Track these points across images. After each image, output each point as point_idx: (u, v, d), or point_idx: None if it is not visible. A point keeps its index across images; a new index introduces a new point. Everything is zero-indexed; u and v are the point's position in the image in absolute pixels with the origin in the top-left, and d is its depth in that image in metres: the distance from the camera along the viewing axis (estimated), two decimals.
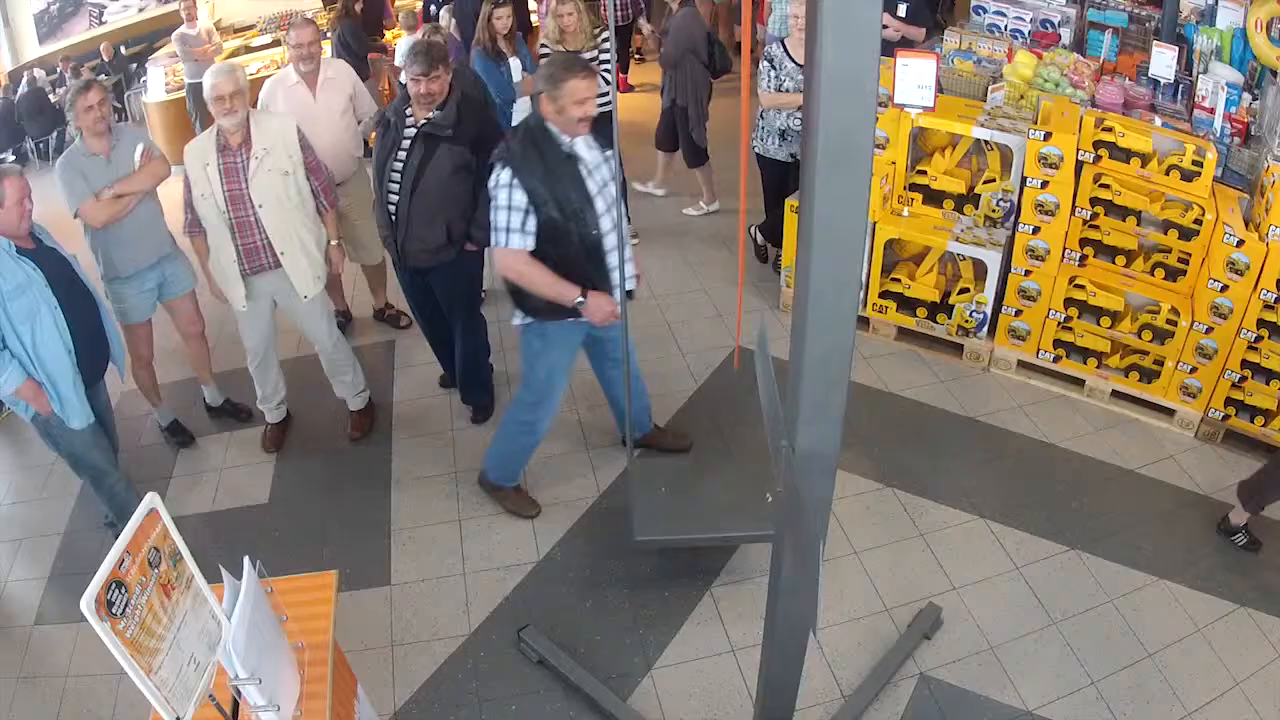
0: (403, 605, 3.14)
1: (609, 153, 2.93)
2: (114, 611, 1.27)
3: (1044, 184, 3.71)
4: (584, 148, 2.92)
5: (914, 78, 3.79)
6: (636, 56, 8.64)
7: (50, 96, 8.27)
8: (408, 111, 3.41)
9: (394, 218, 3.47)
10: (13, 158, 7.57)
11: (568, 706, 2.78)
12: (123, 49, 8.92)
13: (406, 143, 3.41)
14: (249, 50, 7.93)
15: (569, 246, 2.91)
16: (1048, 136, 3.64)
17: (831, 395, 1.45)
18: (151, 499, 1.42)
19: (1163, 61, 4.35)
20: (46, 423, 3.09)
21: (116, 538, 3.35)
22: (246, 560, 1.69)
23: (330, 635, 1.97)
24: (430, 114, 3.33)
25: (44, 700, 2.95)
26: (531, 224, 2.85)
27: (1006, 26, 5.26)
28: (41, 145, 8.16)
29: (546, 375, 3.16)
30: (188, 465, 3.91)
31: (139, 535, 1.36)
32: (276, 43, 8.00)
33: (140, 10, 9.27)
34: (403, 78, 3.45)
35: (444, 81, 3.34)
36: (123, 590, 1.30)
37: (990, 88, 4.26)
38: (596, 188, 2.93)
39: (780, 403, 1.55)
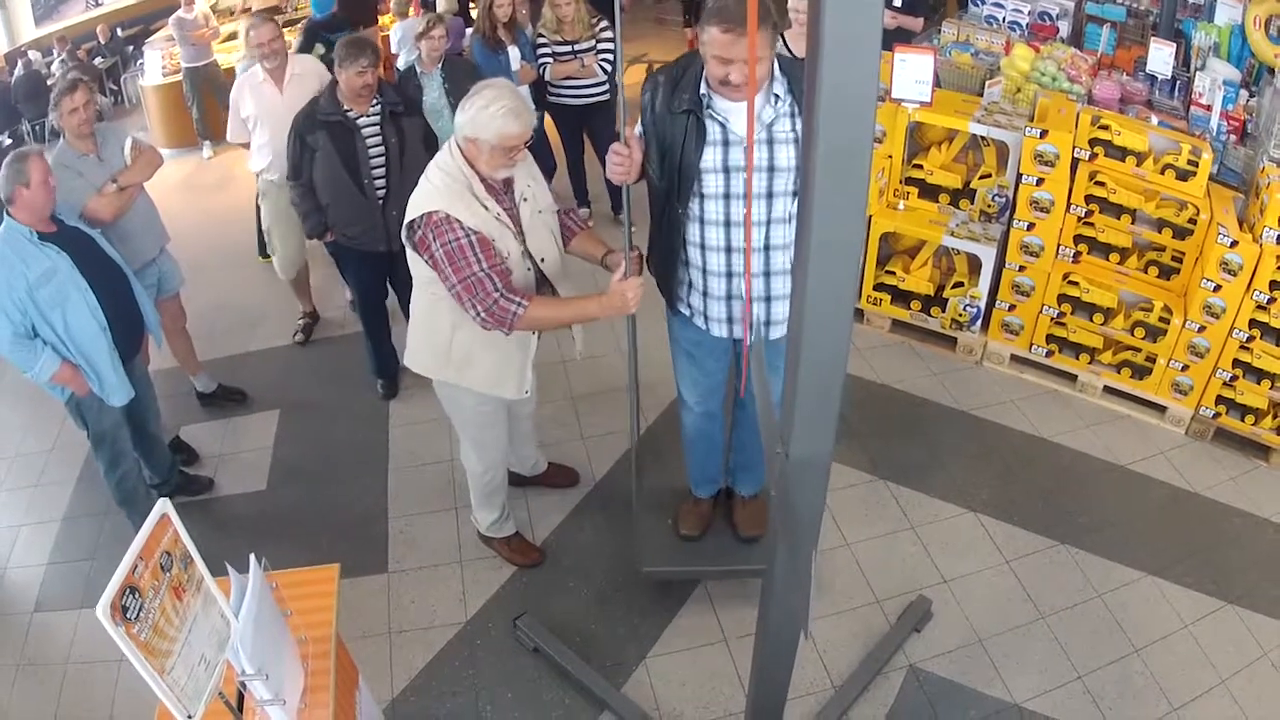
0: (400, 593, 3.17)
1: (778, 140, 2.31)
2: (128, 616, 1.30)
3: (1039, 181, 3.72)
4: (739, 112, 2.26)
5: (912, 73, 3.80)
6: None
7: (48, 80, 8.23)
8: (346, 109, 3.50)
9: (382, 201, 3.59)
10: (9, 140, 7.55)
11: (563, 694, 2.82)
12: (119, 30, 8.87)
13: (372, 132, 3.54)
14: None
15: (656, 212, 2.48)
16: (1044, 134, 3.65)
17: (826, 403, 1.47)
18: (163, 504, 1.45)
19: (1160, 57, 4.36)
20: (79, 402, 3.10)
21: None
22: (253, 558, 1.72)
23: (333, 628, 2.00)
24: (373, 100, 3.52)
25: (45, 686, 2.98)
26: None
27: (1004, 18, 5.26)
28: (38, 127, 8.13)
29: (674, 362, 2.83)
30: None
31: (151, 541, 1.39)
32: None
33: None
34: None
35: (377, 71, 3.52)
36: (136, 595, 1.32)
37: (988, 83, 4.27)
38: (720, 163, 2.31)
39: (775, 409, 1.57)
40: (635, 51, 7.91)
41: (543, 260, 2.62)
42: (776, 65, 2.30)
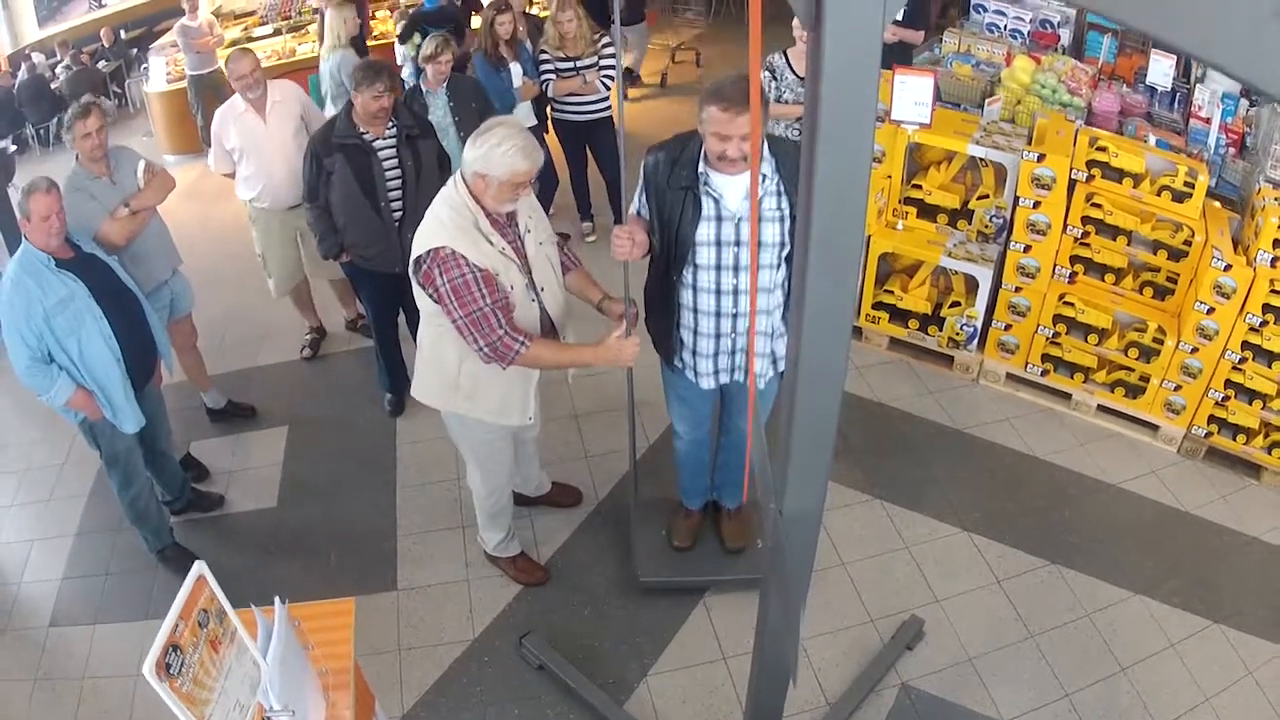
0: (409, 611, 3.26)
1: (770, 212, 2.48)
2: (171, 672, 1.40)
3: (1036, 204, 3.77)
4: (733, 189, 2.44)
5: (911, 95, 3.84)
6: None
7: (51, 83, 8.27)
8: (362, 131, 3.54)
9: (398, 223, 3.63)
10: (14, 146, 7.59)
11: (567, 710, 2.91)
12: (122, 32, 8.89)
13: (388, 155, 3.58)
14: (250, 40, 7.88)
15: (654, 276, 2.66)
16: (1041, 158, 3.69)
17: (818, 461, 1.54)
18: (199, 567, 1.54)
19: (1160, 70, 4.41)
20: (92, 425, 3.17)
21: (158, 558, 3.34)
22: (278, 601, 1.80)
23: (351, 660, 2.09)
24: (388, 123, 3.56)
25: (62, 701, 3.06)
26: (645, 210, 2.63)
27: (1006, 26, 5.29)
28: (42, 131, 8.16)
29: (667, 401, 3.02)
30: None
31: (189, 603, 1.49)
32: (278, 32, 7.96)
33: None
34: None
35: (393, 95, 3.56)
36: (178, 652, 1.42)
37: (987, 101, 4.31)
38: (713, 237, 2.48)
39: (770, 466, 1.65)
40: (659, 42, 8.39)
41: (543, 290, 2.70)
42: (765, 145, 2.45)
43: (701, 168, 2.46)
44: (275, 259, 4.28)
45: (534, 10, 6.52)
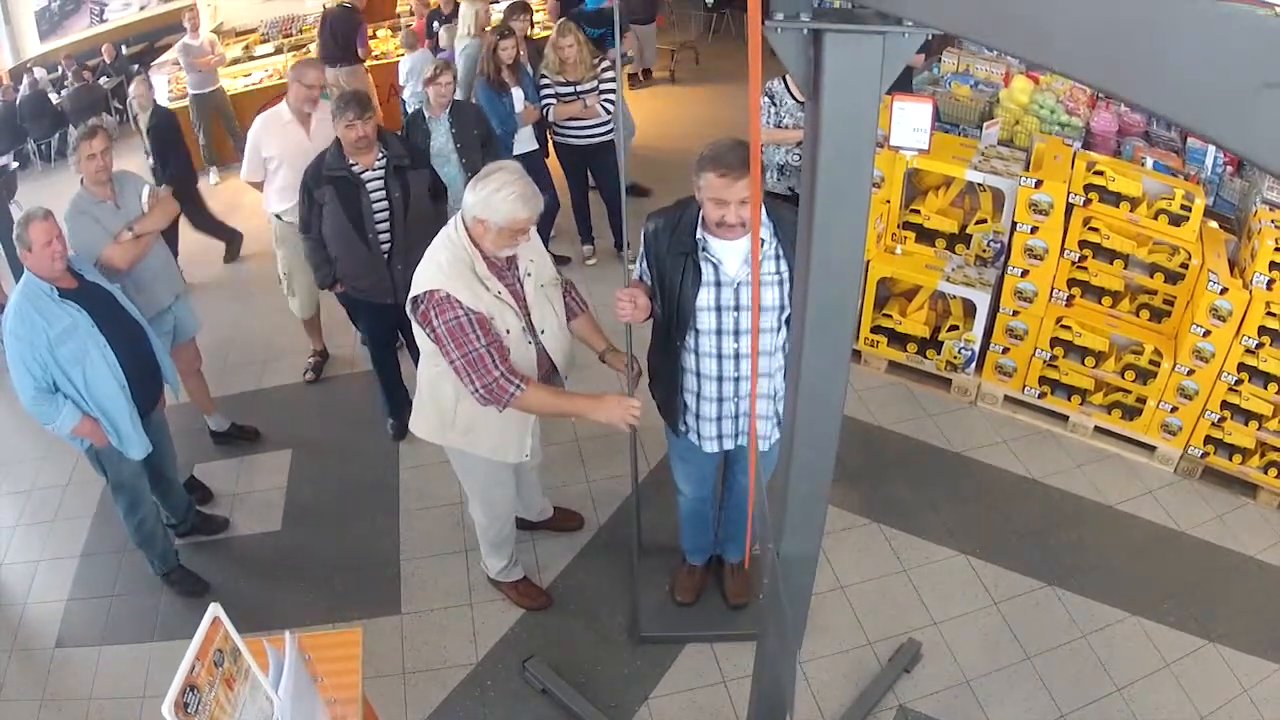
0: (413, 634, 3.28)
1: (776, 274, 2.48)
2: (190, 711, 1.44)
3: (1033, 229, 3.81)
4: (732, 254, 2.45)
5: (910, 121, 3.86)
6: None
7: (52, 98, 8.31)
8: (351, 163, 3.54)
9: (388, 255, 3.63)
10: (15, 163, 7.62)
11: None
12: (124, 48, 8.93)
13: (376, 186, 3.57)
14: (251, 59, 7.93)
15: (656, 338, 2.69)
16: (1038, 184, 3.73)
17: (814, 506, 1.59)
18: (214, 609, 1.58)
19: None
20: (99, 452, 3.18)
21: (164, 581, 3.32)
22: (288, 635, 1.84)
23: (359, 690, 2.12)
24: (378, 154, 3.56)
25: None
26: (646, 275, 2.65)
27: None
28: (44, 147, 8.20)
29: (671, 462, 3.06)
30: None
31: (205, 644, 1.53)
32: (279, 50, 8.01)
33: (141, 9, 9.27)
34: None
35: (374, 124, 3.52)
36: (195, 692, 1.47)
37: (985, 124, 4.35)
38: (713, 302, 2.49)
39: (768, 511, 1.69)
40: (666, 43, 8.96)
41: (543, 332, 2.73)
42: (764, 210, 2.46)
43: (699, 233, 2.47)
44: (301, 279, 4.29)
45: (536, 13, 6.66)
